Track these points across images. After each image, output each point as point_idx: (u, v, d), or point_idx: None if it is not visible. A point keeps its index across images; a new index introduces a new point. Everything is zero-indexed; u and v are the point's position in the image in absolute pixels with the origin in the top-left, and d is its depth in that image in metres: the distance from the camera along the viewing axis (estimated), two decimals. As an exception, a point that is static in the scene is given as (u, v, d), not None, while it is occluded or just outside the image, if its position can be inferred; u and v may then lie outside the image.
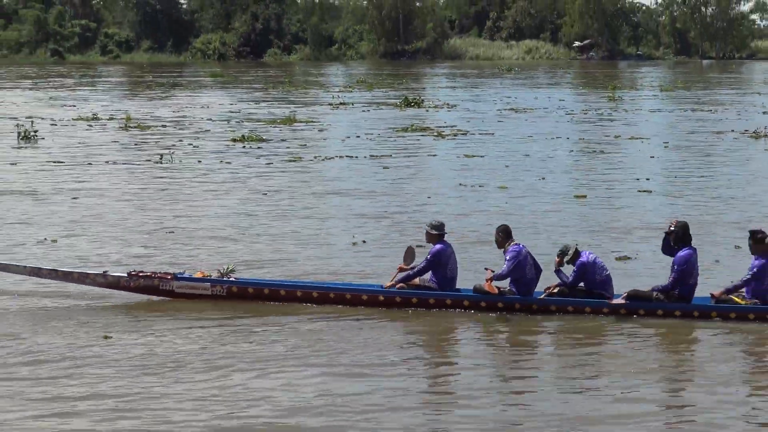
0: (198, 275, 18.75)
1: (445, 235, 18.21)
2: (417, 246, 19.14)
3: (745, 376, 14.39)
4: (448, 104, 63.38)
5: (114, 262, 20.75)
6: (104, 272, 19.01)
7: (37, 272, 19.37)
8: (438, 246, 17.89)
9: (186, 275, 18.72)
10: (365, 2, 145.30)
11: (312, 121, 52.30)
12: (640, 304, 17.03)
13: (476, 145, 42.73)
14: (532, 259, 17.70)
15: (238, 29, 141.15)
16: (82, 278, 19.11)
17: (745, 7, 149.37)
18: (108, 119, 53.25)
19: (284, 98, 71.52)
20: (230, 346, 15.68)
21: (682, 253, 16.98)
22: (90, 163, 36.69)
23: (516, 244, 17.59)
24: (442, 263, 17.87)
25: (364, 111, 60.72)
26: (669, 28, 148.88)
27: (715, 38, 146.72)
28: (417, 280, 18.04)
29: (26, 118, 52.75)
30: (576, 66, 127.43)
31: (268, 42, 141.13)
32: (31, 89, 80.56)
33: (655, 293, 16.94)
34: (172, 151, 39.29)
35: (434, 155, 39.45)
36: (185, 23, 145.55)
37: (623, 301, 17.04)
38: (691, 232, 17.10)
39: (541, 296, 17.45)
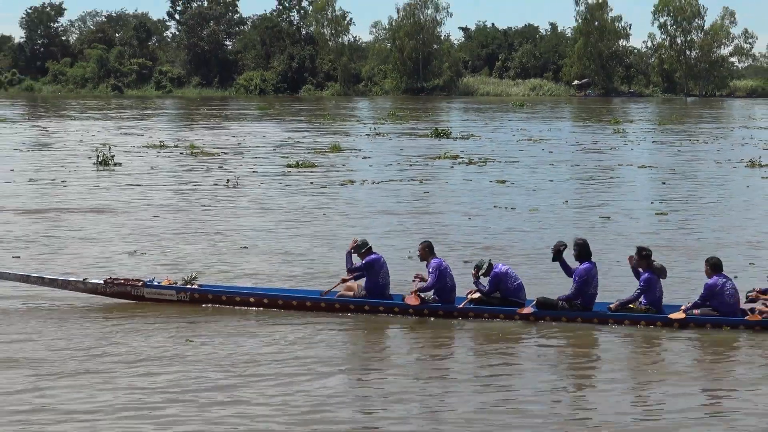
0: (165, 282, 18.84)
1: (371, 248, 18.40)
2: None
3: (633, 373, 14.75)
4: (472, 135, 62.83)
5: (193, 270, 20.46)
6: (84, 279, 19.11)
7: (26, 279, 19.35)
8: (372, 256, 18.14)
9: (154, 282, 18.77)
10: (389, 45, 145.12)
11: (355, 149, 52.00)
12: (546, 312, 17.21)
13: (504, 171, 42.39)
14: (450, 272, 17.94)
15: (276, 68, 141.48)
16: (65, 284, 19.15)
17: (725, 51, 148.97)
18: (174, 146, 53.13)
19: (325, 129, 71.19)
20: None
21: (582, 266, 17.38)
22: (164, 185, 36.65)
23: (436, 258, 17.90)
24: (375, 270, 18.03)
25: (398, 140, 60.11)
26: (657, 68, 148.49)
27: (698, 78, 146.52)
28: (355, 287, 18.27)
29: (101, 145, 52.92)
30: (575, 102, 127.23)
31: (303, 79, 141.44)
32: (99, 120, 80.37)
33: (560, 302, 17.18)
34: (237, 176, 39.08)
35: (469, 180, 39.19)
36: (230, 62, 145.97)
37: (532, 309, 17.24)
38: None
39: (463, 303, 17.56)
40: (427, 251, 18.02)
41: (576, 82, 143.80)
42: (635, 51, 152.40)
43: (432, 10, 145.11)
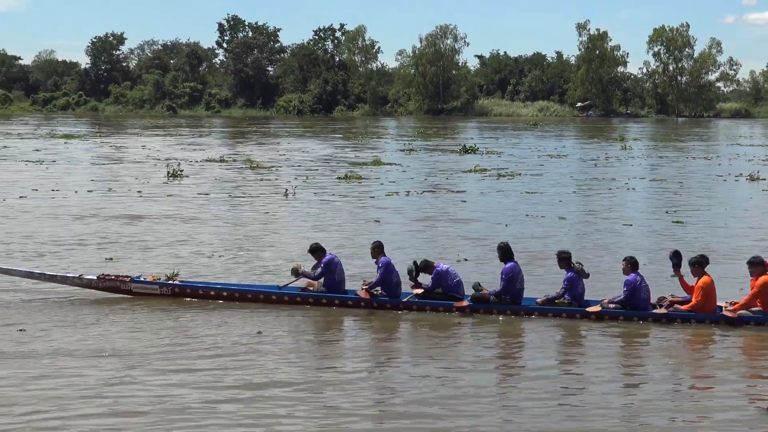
0: (150, 278, 18.92)
1: (324, 249, 18.68)
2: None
3: (553, 357, 15.15)
4: (495, 151, 62.47)
5: (266, 272, 21.01)
6: (80, 275, 19.15)
7: (30, 275, 19.50)
8: (328, 256, 18.37)
9: (141, 278, 18.88)
10: (412, 70, 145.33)
11: (393, 163, 51.62)
12: (480, 305, 17.40)
13: (530, 184, 42.11)
14: (395, 269, 18.15)
15: (312, 90, 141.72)
16: (64, 279, 19.18)
17: (712, 77, 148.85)
18: (232, 161, 52.95)
19: (362, 145, 70.60)
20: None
21: (507, 265, 17.57)
22: (230, 195, 36.67)
23: (385, 257, 18.14)
24: (331, 269, 18.18)
25: (430, 155, 59.75)
26: (651, 92, 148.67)
27: (688, 101, 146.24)
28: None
29: (167, 159, 53.00)
30: (579, 122, 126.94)
31: (336, 101, 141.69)
32: (160, 136, 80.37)
33: (492, 296, 17.35)
34: (294, 186, 39.05)
35: (501, 191, 38.87)
36: (271, 85, 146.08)
37: (467, 303, 17.46)
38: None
39: (408, 297, 17.83)
40: (377, 251, 18.31)
41: (579, 104, 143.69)
42: (632, 76, 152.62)
43: (451, 40, 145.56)
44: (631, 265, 17.00)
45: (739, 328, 16.35)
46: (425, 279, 18.11)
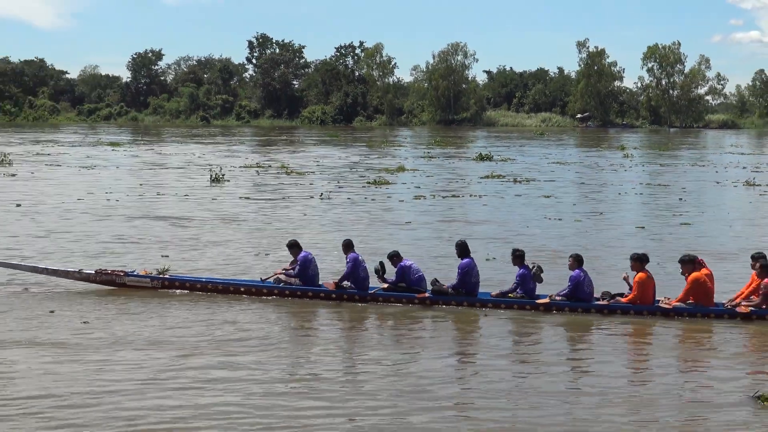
0: (142, 272, 18.98)
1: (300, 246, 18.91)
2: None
3: (506, 350, 14.88)
4: (508, 158, 61.97)
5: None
6: (80, 270, 19.22)
7: (34, 269, 19.46)
8: (303, 254, 18.60)
9: (134, 273, 18.94)
10: (426, 84, 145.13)
11: (416, 170, 51.34)
12: (439, 297, 17.58)
13: (545, 189, 41.74)
14: (364, 264, 18.28)
15: (334, 102, 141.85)
16: (65, 274, 19.21)
17: (701, 91, 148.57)
18: (268, 166, 52.74)
19: (385, 153, 70.08)
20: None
21: (463, 261, 17.77)
22: (271, 198, 36.47)
23: (353, 252, 18.33)
24: (306, 266, 18.39)
25: (449, 162, 59.26)
26: (645, 104, 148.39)
27: (679, 113, 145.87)
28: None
29: (206, 165, 52.91)
30: (579, 132, 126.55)
31: (356, 112, 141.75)
32: (198, 144, 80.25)
33: (450, 289, 17.55)
34: (329, 190, 38.98)
35: (519, 195, 38.67)
36: (296, 98, 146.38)
37: (428, 295, 17.63)
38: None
39: (375, 290, 17.95)
40: (346, 248, 18.54)
41: (579, 115, 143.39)
42: (627, 90, 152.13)
43: (461, 56, 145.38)
44: (577, 261, 17.24)
45: (675, 320, 16.48)
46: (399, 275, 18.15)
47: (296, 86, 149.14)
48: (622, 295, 17.25)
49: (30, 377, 12.67)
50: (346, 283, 18.39)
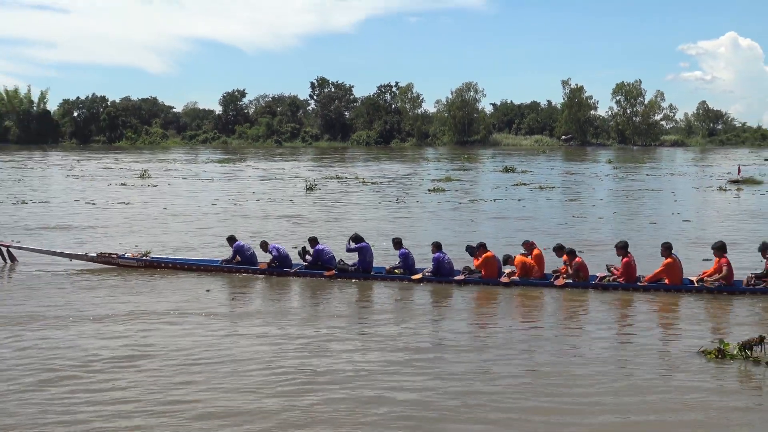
0: (130, 255, 19.02)
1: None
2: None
3: (392, 317, 14.37)
4: (527, 170, 60.60)
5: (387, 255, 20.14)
6: (86, 253, 19.35)
7: (54, 253, 19.56)
8: (237, 243, 18.67)
9: (126, 255, 19.02)
10: (446, 114, 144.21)
11: (461, 180, 50.37)
12: (343, 274, 17.56)
13: (566, 193, 41.22)
14: (284, 252, 18.28)
15: (376, 128, 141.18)
16: (76, 256, 19.24)
17: (658, 117, 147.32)
18: (345, 178, 51.97)
19: (428, 167, 68.32)
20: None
21: (358, 245, 17.74)
22: (357, 202, 36.12)
23: (319, 245, 18.16)
24: (242, 252, 18.48)
25: (483, 174, 58.02)
26: (614, 128, 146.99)
27: (640, 134, 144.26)
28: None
29: (295, 176, 52.79)
30: (564, 149, 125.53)
31: (392, 135, 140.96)
32: (282, 161, 79.46)
33: (351, 267, 17.66)
34: (402, 196, 38.76)
35: (548, 198, 38.11)
36: (347, 125, 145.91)
37: (335, 272, 17.58)
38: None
39: (296, 269, 18.02)
40: (312, 242, 18.44)
41: (563, 136, 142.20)
42: (600, 117, 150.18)
43: (473, 92, 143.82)
44: (436, 247, 17.37)
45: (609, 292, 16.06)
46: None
47: (347, 116, 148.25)
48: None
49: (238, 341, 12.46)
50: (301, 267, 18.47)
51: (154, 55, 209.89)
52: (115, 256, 19.07)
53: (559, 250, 17.70)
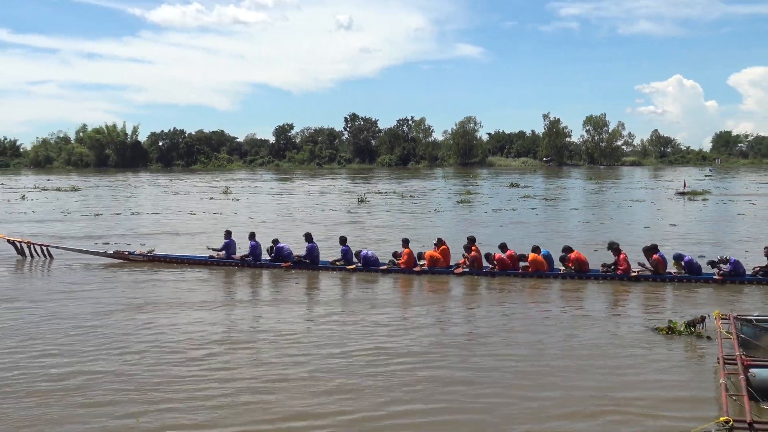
0: (138, 252, 18.67)
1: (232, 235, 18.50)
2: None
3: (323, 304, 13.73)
4: (527, 185, 59.25)
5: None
6: (105, 250, 19.00)
7: (79, 250, 19.13)
8: (227, 240, 18.18)
9: (135, 252, 18.70)
10: (451, 141, 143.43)
11: (481, 194, 48.74)
12: (300, 265, 17.19)
13: (568, 203, 40.01)
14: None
15: (396, 153, 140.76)
16: (97, 253, 18.83)
17: (619, 143, 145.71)
18: (386, 192, 50.47)
19: (447, 183, 66.04)
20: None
21: (309, 245, 17.41)
22: (404, 212, 35.08)
23: (281, 244, 17.89)
24: (230, 246, 18.06)
25: (494, 188, 56.14)
26: (585, 152, 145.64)
27: (605, 156, 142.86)
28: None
29: (343, 191, 52.22)
30: (545, 169, 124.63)
31: (409, 158, 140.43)
32: (327, 180, 78.28)
33: (302, 259, 17.26)
34: (437, 206, 37.75)
35: (553, 208, 37.16)
36: (373, 150, 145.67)
37: (291, 264, 17.26)
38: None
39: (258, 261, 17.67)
40: (275, 240, 18.11)
41: (544, 159, 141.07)
42: (573, 143, 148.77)
43: (472, 124, 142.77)
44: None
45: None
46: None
47: (373, 143, 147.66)
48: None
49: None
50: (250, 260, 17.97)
51: (221, 96, 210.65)
52: (125, 252, 18.79)
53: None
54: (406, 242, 17.36)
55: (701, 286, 14.83)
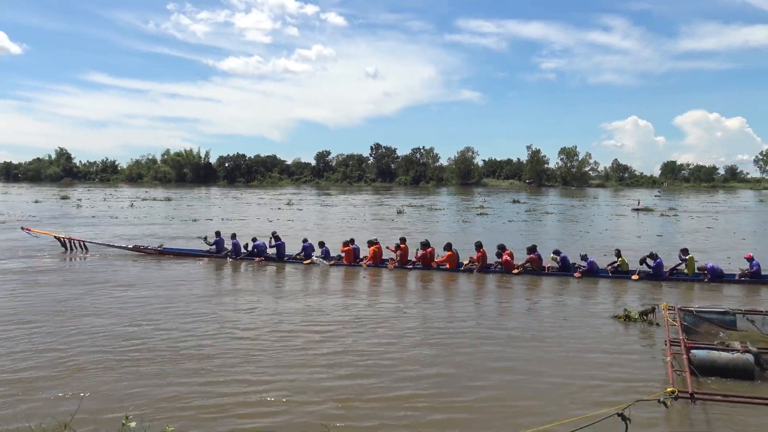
0: (151, 247, 18.08)
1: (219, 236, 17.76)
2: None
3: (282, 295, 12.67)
4: (525, 202, 56.74)
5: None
6: (125, 245, 18.39)
7: (110, 245, 18.39)
8: (217, 238, 17.47)
9: (148, 247, 18.18)
10: (454, 166, 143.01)
11: (491, 207, 46.71)
12: (271, 260, 16.38)
13: (564, 216, 38.68)
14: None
15: (410, 175, 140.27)
16: (120, 247, 18.18)
17: (587, 169, 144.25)
18: (415, 206, 47.92)
19: (461, 200, 62.48)
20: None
21: (279, 242, 16.70)
22: (438, 221, 32.85)
23: (258, 241, 17.19)
24: (220, 243, 17.33)
25: (501, 203, 53.19)
26: (560, 176, 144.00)
27: (575, 179, 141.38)
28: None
29: (379, 204, 50.47)
30: (530, 189, 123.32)
31: (420, 179, 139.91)
32: (364, 194, 76.79)
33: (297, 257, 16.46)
34: (463, 218, 36.28)
35: (556, 220, 35.68)
36: (392, 172, 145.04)
37: (263, 258, 16.48)
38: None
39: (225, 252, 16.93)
40: (252, 240, 17.40)
41: (527, 181, 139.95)
42: (550, 168, 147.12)
43: (470, 153, 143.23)
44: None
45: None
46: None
47: (393, 167, 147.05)
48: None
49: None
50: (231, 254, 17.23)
51: (274, 129, 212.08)
52: (141, 246, 18.29)
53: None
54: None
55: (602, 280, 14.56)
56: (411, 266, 15.86)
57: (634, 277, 14.79)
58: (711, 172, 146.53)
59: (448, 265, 15.39)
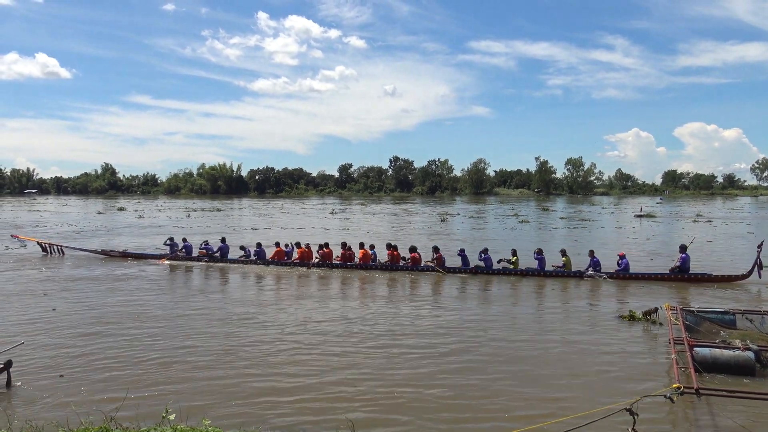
0: (115, 251, 17.03)
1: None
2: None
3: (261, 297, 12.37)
4: (553, 209, 54.01)
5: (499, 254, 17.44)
6: (116, 251, 17.15)
7: (99, 252, 17.13)
8: (185, 243, 16.64)
9: (127, 251, 17.17)
10: (467, 176, 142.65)
11: (523, 214, 44.35)
12: (262, 261, 15.51)
13: (585, 221, 36.55)
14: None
15: (426, 185, 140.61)
16: (121, 254, 16.69)
17: (592, 178, 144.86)
18: (450, 214, 44.93)
19: (485, 207, 60.24)
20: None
21: (258, 248, 15.91)
22: (480, 228, 31.38)
23: (198, 241, 16.33)
24: (174, 246, 16.58)
25: (513, 211, 50.90)
26: (566, 185, 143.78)
27: (581, 188, 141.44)
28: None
29: (409, 214, 46.32)
30: (537, 197, 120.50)
31: (436, 189, 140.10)
32: (389, 204, 72.92)
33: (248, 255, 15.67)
34: (499, 224, 34.65)
35: (565, 227, 33.64)
36: (410, 183, 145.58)
37: (244, 260, 15.61)
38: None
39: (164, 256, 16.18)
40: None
41: (536, 189, 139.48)
42: (557, 178, 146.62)
43: (483, 164, 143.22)
44: (276, 244, 16.13)
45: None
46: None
47: (410, 178, 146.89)
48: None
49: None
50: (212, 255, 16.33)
51: (301, 143, 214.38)
52: (116, 251, 17.18)
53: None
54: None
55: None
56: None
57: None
58: (710, 180, 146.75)
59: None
